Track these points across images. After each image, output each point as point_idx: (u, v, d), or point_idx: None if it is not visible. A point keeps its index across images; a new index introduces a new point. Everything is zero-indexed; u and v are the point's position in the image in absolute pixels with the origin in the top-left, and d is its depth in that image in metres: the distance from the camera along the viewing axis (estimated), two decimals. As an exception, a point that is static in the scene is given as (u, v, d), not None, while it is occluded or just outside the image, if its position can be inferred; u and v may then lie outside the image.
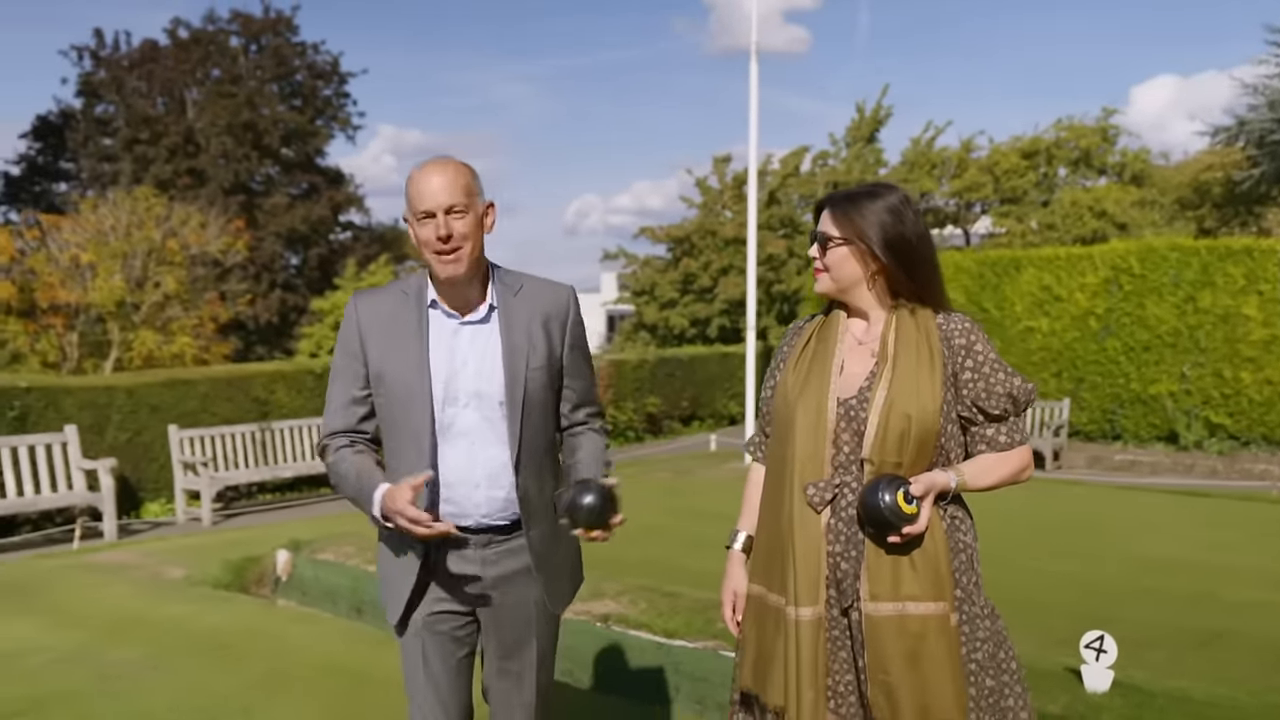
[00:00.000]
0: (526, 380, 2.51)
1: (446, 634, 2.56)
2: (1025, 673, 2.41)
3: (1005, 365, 2.39)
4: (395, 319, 2.51)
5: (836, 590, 2.28)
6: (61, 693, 4.54)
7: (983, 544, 2.39)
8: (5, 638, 5.34)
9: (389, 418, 2.51)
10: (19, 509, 8.84)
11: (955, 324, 2.38)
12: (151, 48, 30.51)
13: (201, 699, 4.45)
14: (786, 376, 2.44)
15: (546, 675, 2.70)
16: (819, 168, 26.68)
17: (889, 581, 2.23)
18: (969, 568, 2.33)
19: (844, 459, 2.29)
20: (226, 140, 29.24)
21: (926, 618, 2.22)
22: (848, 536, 2.26)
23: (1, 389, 9.22)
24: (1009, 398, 2.35)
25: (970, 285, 14.55)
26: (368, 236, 32.39)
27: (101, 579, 6.57)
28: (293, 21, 31.75)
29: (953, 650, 2.23)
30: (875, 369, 2.33)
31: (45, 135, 31.09)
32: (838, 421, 2.30)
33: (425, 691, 2.56)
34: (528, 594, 2.58)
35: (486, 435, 2.49)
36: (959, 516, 2.35)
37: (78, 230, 15.36)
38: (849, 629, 2.29)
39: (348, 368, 2.54)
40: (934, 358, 2.31)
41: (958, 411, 2.34)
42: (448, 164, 2.46)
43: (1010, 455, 2.38)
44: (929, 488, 2.22)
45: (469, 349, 2.50)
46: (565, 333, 2.62)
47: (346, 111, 32.85)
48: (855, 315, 2.45)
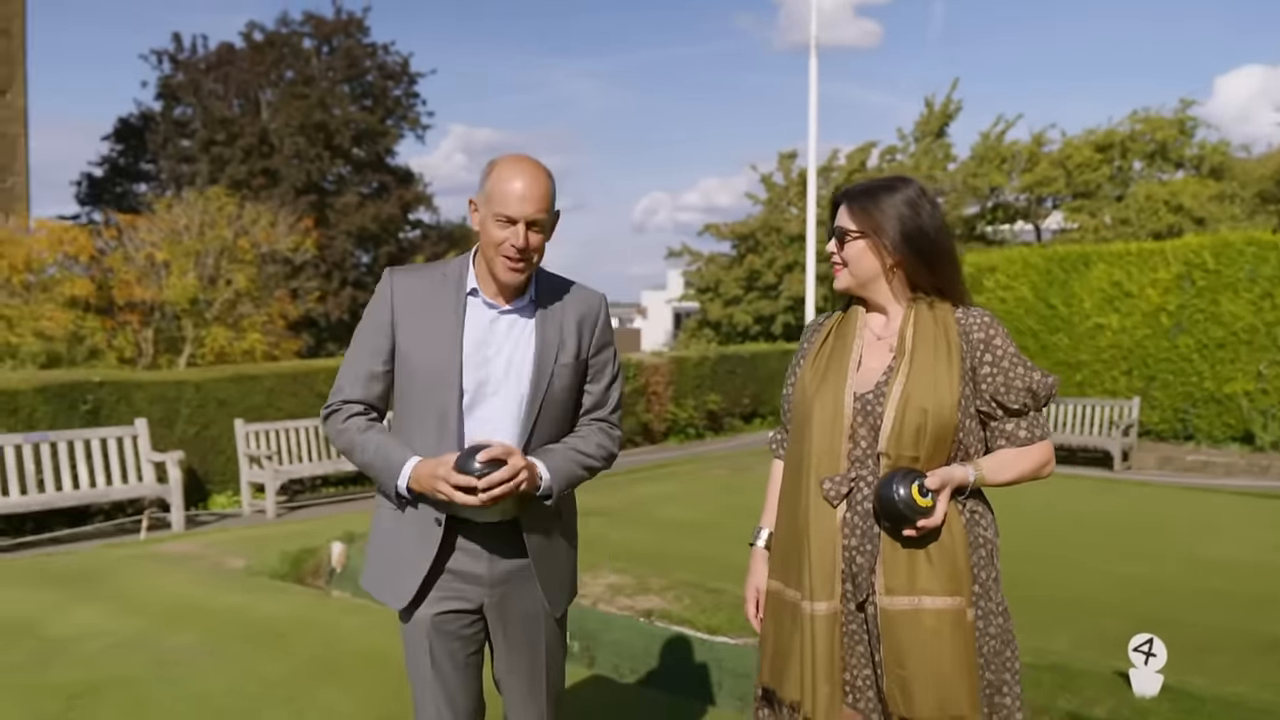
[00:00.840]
0: (553, 374, 2.53)
1: (453, 634, 2.56)
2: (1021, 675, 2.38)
3: (1025, 359, 2.36)
4: (431, 300, 2.52)
5: (852, 584, 2.27)
6: (119, 677, 4.67)
7: (1045, 545, 2.39)
8: (69, 623, 5.52)
9: (409, 396, 2.52)
10: (92, 499, 9.11)
11: (974, 318, 2.35)
12: (227, 50, 31.17)
13: (251, 685, 4.55)
14: (805, 373, 2.44)
15: (557, 668, 2.72)
16: (886, 163, 26.42)
17: (904, 575, 2.22)
18: (988, 563, 2.31)
19: (860, 453, 2.28)
20: (299, 140, 29.78)
21: (942, 612, 2.20)
22: (863, 530, 2.26)
23: (75, 383, 9.52)
24: (1028, 392, 2.32)
25: (1038, 281, 14.28)
26: (436, 235, 32.77)
27: (164, 568, 6.75)
28: (364, 23, 32.22)
29: (969, 645, 2.22)
30: (893, 364, 2.32)
31: (126, 137, 31.96)
32: (854, 416, 2.29)
33: (434, 689, 2.57)
34: (533, 590, 2.59)
35: (506, 425, 2.50)
36: (979, 511, 2.33)
37: (153, 229, 15.76)
38: (866, 623, 2.28)
39: (372, 340, 2.53)
40: (952, 352, 2.29)
41: (976, 406, 2.32)
42: (537, 172, 2.44)
43: (1030, 450, 2.35)
44: (945, 481, 2.21)
45: (504, 338, 2.52)
46: (594, 336, 2.63)
47: (416, 111, 33.24)
48: (874, 310, 2.44)
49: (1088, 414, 13.27)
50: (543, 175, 2.45)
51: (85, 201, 31.43)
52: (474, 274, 2.55)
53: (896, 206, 2.35)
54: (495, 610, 2.58)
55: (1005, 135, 24.67)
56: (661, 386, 15.06)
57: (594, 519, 8.48)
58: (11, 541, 8.71)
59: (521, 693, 2.67)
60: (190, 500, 9.95)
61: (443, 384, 2.46)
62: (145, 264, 15.42)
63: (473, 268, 2.56)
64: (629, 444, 14.98)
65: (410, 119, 33.12)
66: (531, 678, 2.66)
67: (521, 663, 2.64)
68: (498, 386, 2.50)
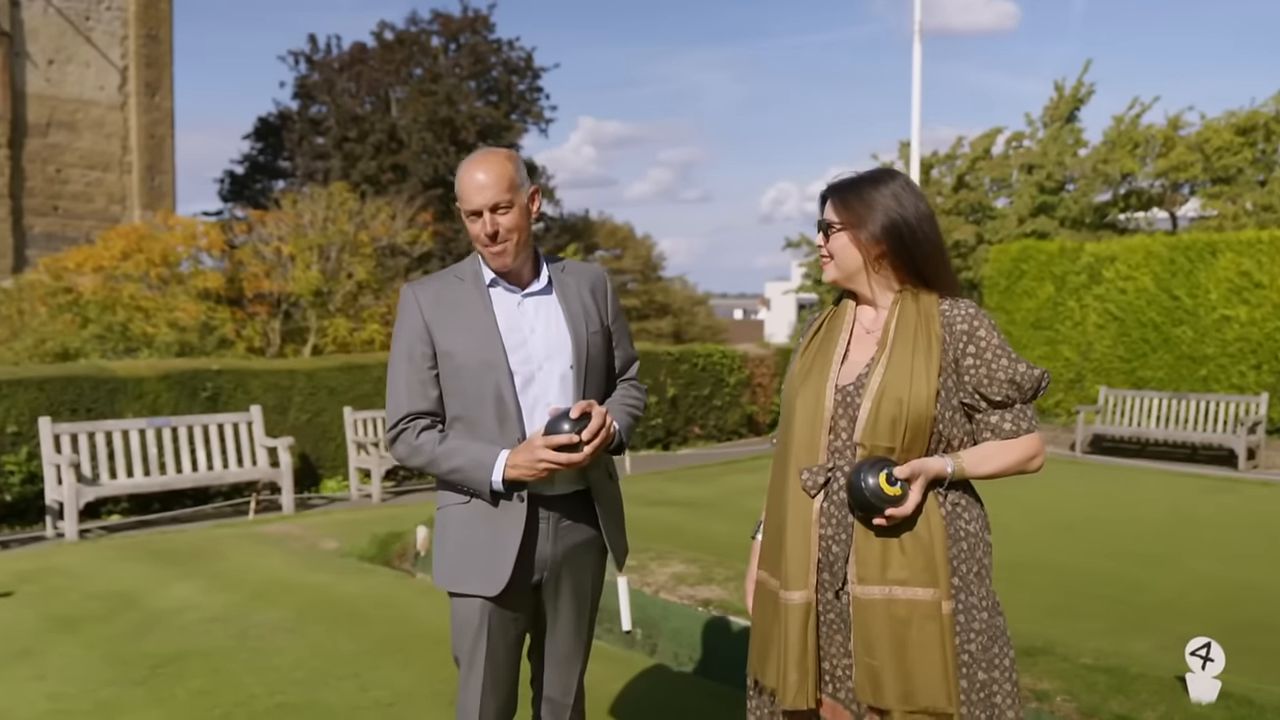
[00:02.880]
0: (588, 343, 2.68)
1: (510, 617, 2.68)
2: (1017, 673, 2.36)
3: (1010, 351, 2.35)
4: (457, 300, 2.66)
5: (829, 573, 2.30)
6: (203, 649, 4.97)
7: (1148, 544, 2.37)
8: (168, 597, 5.88)
9: (461, 392, 2.63)
10: (209, 481, 9.63)
11: (959, 310, 2.35)
12: (360, 50, 32.22)
13: (321, 660, 4.78)
14: (794, 366, 2.48)
15: (590, 635, 2.88)
16: (1013, 149, 25.65)
17: (877, 565, 2.23)
18: (970, 556, 2.30)
19: (840, 444, 2.31)
20: (426, 136, 30.59)
21: (914, 603, 2.21)
22: (839, 520, 2.28)
23: (196, 371, 10.07)
24: (1011, 384, 2.31)
25: (1160, 271, 13.71)
26: (558, 227, 33.27)
27: (263, 548, 7.11)
28: (489, 20, 32.87)
29: (944, 638, 2.21)
30: (875, 355, 2.34)
31: (265, 136, 33.34)
32: (835, 408, 2.32)
33: (485, 667, 2.68)
34: (587, 564, 2.75)
35: (557, 398, 2.63)
36: (961, 504, 2.32)
37: (280, 224, 16.46)
38: (843, 613, 2.30)
39: (415, 350, 2.64)
40: (932, 344, 2.29)
41: (960, 399, 2.32)
42: (491, 161, 2.58)
43: (1015, 443, 2.34)
44: (917, 471, 2.22)
45: (534, 318, 2.66)
46: (608, 304, 2.80)
47: (539, 105, 33.76)
48: (865, 303, 2.46)
49: (1212, 410, 12.71)
50: (497, 161, 2.58)
51: (227, 198, 32.94)
52: (486, 268, 2.68)
53: (880, 198, 2.37)
54: (551, 586, 2.71)
55: (1140, 119, 23.68)
56: (766, 378, 15.03)
57: (676, 509, 8.57)
58: (137, 519, 9.28)
59: (561, 660, 2.81)
60: (302, 484, 10.42)
61: (492, 371, 2.59)
62: (273, 257, 16.12)
63: (484, 264, 2.69)
64: (733, 435, 14.99)
65: (534, 113, 33.66)
66: (573, 647, 2.81)
67: (567, 634, 2.79)
68: (541, 363, 2.63)
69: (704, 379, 14.53)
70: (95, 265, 15.15)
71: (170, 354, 13.26)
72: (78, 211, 26.83)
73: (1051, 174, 24.29)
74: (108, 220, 25.15)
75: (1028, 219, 23.91)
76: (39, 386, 9.11)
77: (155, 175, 27.79)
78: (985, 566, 2.34)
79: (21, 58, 26.80)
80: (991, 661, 2.29)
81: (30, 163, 26.40)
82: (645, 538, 6.93)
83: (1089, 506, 8.99)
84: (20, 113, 26.47)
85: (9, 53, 26.34)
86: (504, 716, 2.78)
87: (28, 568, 6.68)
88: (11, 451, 8.93)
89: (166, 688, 4.49)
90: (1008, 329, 14.86)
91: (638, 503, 8.86)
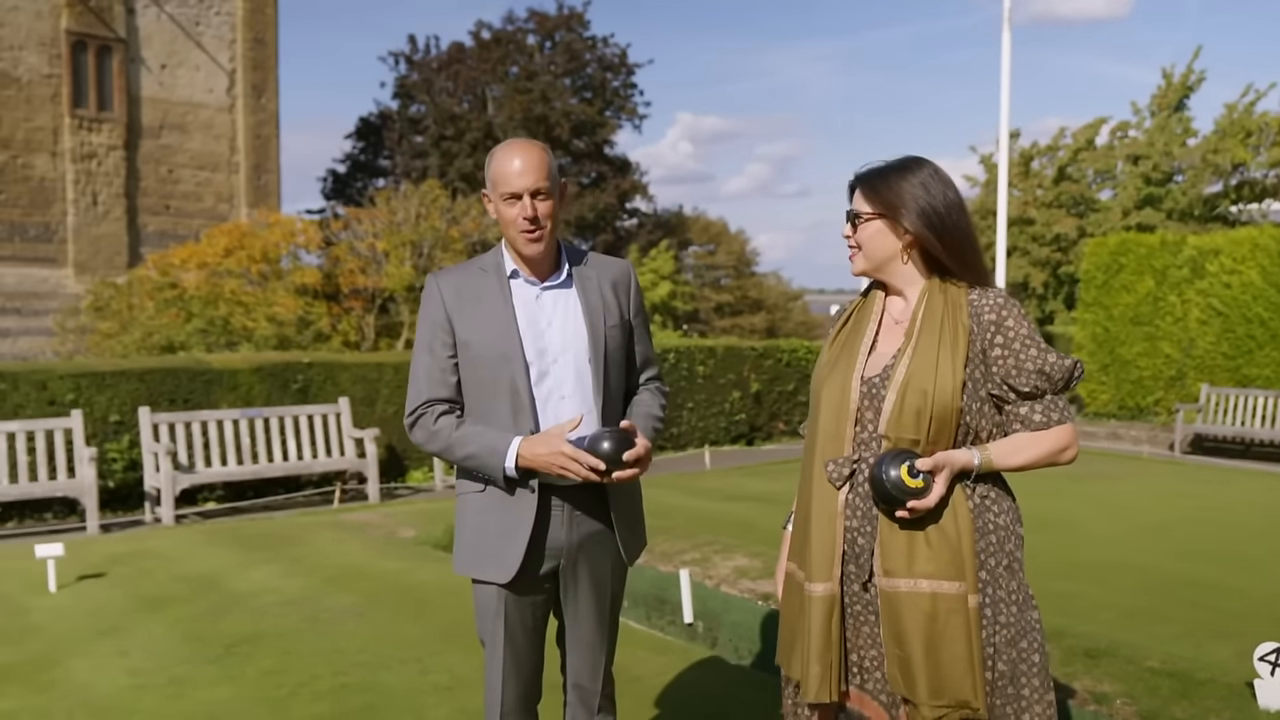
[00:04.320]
0: (605, 337, 2.70)
1: (528, 600, 2.74)
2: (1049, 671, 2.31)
3: (1039, 341, 2.31)
4: (478, 291, 2.71)
5: (855, 565, 2.29)
6: (276, 630, 5.15)
7: (1251, 549, 2.29)
8: (248, 580, 6.09)
9: (477, 381, 2.68)
10: (299, 471, 9.93)
11: (988, 299, 2.32)
12: (458, 49, 32.77)
13: (386, 645, 4.91)
14: (822, 358, 2.48)
15: (616, 623, 2.90)
16: (1118, 139, 24.88)
17: (903, 557, 2.22)
18: (999, 549, 2.27)
19: (866, 436, 2.29)
20: (521, 134, 30.93)
21: (939, 595, 2.19)
22: (864, 512, 2.27)
23: (288, 364, 10.39)
24: (1040, 374, 2.28)
25: (1268, 265, 13.15)
26: (651, 223, 33.37)
27: (343, 535, 7.31)
28: (584, 17, 33.11)
29: (970, 632, 2.19)
30: (901, 347, 2.32)
31: (366, 135, 34.14)
32: (861, 399, 2.31)
33: (506, 652, 2.75)
34: (605, 552, 2.76)
35: (572, 390, 2.67)
36: (991, 496, 2.29)
37: (375, 221, 16.84)
38: (870, 604, 2.29)
39: (436, 339, 2.70)
40: (959, 334, 2.27)
41: (988, 390, 2.29)
42: (531, 147, 2.63)
43: (1045, 435, 2.30)
44: (940, 463, 2.20)
45: (552, 310, 2.70)
46: (629, 299, 2.82)
47: (633, 102, 33.89)
48: (894, 294, 2.44)
49: (1322, 410, 12.16)
50: (537, 149, 2.62)
51: (330, 196, 33.83)
52: (509, 259, 2.72)
53: (909, 187, 2.34)
54: (569, 572, 2.75)
55: (1255, 107, 22.74)
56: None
57: (752, 504, 8.55)
58: (230, 506, 9.62)
59: (585, 646, 2.84)
60: (388, 475, 10.67)
61: (508, 362, 2.63)
62: (367, 253, 16.51)
63: (506, 254, 2.74)
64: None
65: (627, 109, 33.80)
66: (596, 633, 2.83)
67: (589, 620, 2.81)
68: (557, 355, 2.67)
69: (788, 374, 14.45)
70: (200, 261, 15.72)
71: (268, 347, 13.69)
72: (188, 210, 27.86)
73: (1158, 165, 23.50)
74: (216, 218, 26.06)
75: (1132, 211, 23.19)
76: (139, 378, 9.51)
77: (261, 174, 28.71)
78: (1016, 560, 2.30)
79: (136, 63, 27.91)
80: (1020, 655, 2.26)
81: (144, 164, 27.51)
82: (714, 531, 6.94)
83: (1184, 508, 8.69)
84: (135, 116, 27.59)
85: (125, 59, 27.48)
86: (528, 699, 2.82)
87: (122, 550, 6.99)
88: (114, 440, 9.34)
89: (238, 666, 4.66)
90: (1105, 325, 14.43)
91: (715, 497, 8.87)
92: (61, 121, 26.77)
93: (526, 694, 2.82)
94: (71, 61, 26.69)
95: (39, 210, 25.72)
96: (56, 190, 25.88)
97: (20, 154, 26.19)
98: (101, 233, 26.57)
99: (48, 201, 25.84)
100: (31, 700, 4.29)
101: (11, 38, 26.29)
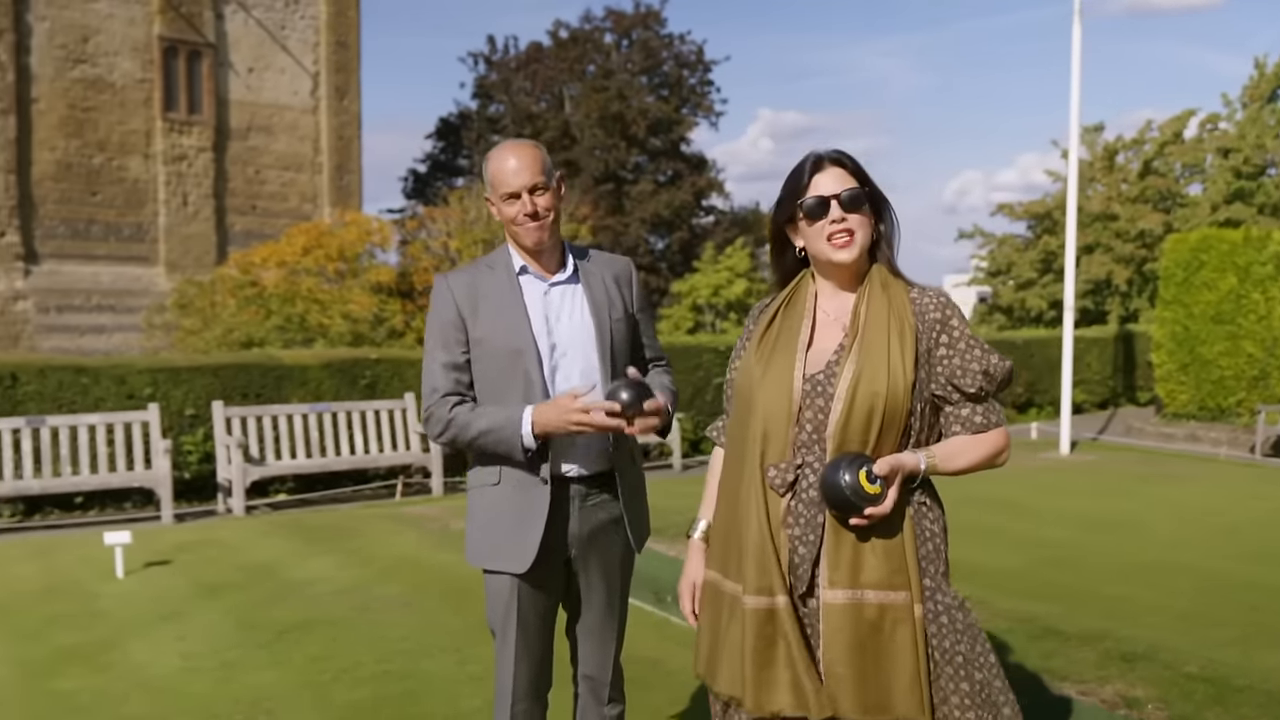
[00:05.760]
0: (612, 330, 2.79)
1: (538, 589, 2.80)
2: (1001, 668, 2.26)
3: (981, 342, 2.24)
4: (489, 288, 2.79)
5: (794, 576, 2.14)
6: (326, 618, 5.31)
7: None
8: (305, 569, 6.29)
9: (491, 377, 2.76)
10: (366, 464, 10.18)
11: (930, 298, 2.25)
12: (536, 49, 33.10)
13: (429, 634, 5.04)
14: (749, 355, 2.31)
15: (624, 613, 2.95)
16: (1207, 132, 24.14)
17: (847, 567, 2.10)
18: (936, 556, 2.19)
19: (806, 438, 2.16)
20: (598, 132, 31.16)
21: (885, 606, 2.09)
22: (807, 519, 2.14)
23: (356, 360, 10.66)
24: (985, 375, 2.20)
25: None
26: (728, 220, 33.30)
27: (399, 528, 7.49)
28: (661, 15, 33.18)
29: (916, 643, 2.10)
30: (844, 342, 2.20)
31: (446, 135, 34.69)
32: (803, 398, 2.17)
33: (516, 640, 2.82)
34: (614, 541, 2.83)
35: (583, 383, 2.73)
36: (925, 503, 2.20)
37: (449, 220, 17.13)
38: (809, 617, 2.16)
39: (448, 336, 2.78)
40: (905, 333, 2.17)
41: (931, 390, 2.20)
42: (524, 147, 2.74)
43: (985, 438, 2.21)
44: (895, 468, 2.07)
45: (560, 304, 2.79)
46: (632, 292, 2.91)
47: (710, 99, 33.86)
48: (830, 286, 2.30)
49: None
50: (529, 148, 2.73)
51: (410, 195, 34.44)
52: (516, 256, 2.81)
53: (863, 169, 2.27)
54: (580, 562, 2.82)
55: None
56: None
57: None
58: (299, 498, 9.90)
59: (595, 635, 2.91)
60: (453, 469, 10.83)
61: (522, 356, 2.72)
62: (440, 251, 16.80)
63: (513, 252, 2.82)
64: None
65: (704, 106, 33.79)
66: (605, 623, 2.90)
67: (599, 609, 2.88)
68: (566, 348, 2.76)
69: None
70: (279, 260, 16.15)
71: (343, 344, 14.00)
72: (274, 210, 28.62)
73: (1249, 158, 22.76)
74: (300, 218, 26.67)
75: (1221, 206, 22.49)
76: (214, 373, 9.84)
77: (343, 175, 29.38)
78: (949, 566, 2.23)
79: (225, 67, 28.75)
80: (982, 659, 2.17)
81: (232, 165, 28.34)
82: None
83: (1258, 510, 8.45)
84: (223, 118, 28.41)
85: (214, 63, 28.32)
86: (537, 687, 2.90)
87: (189, 539, 7.26)
88: (189, 433, 9.68)
89: (286, 652, 4.83)
90: (1185, 323, 14.03)
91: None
92: (154, 124, 27.68)
93: (536, 681, 2.89)
94: (163, 66, 27.59)
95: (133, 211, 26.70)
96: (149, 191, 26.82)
97: (115, 156, 27.18)
98: (191, 232, 27.48)
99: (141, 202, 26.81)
100: (91, 680, 4.50)
101: (107, 44, 27.28)
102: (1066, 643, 4.70)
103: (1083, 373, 16.62)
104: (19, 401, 9.08)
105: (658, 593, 5.62)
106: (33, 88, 25.85)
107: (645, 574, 5.97)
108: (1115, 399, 17.87)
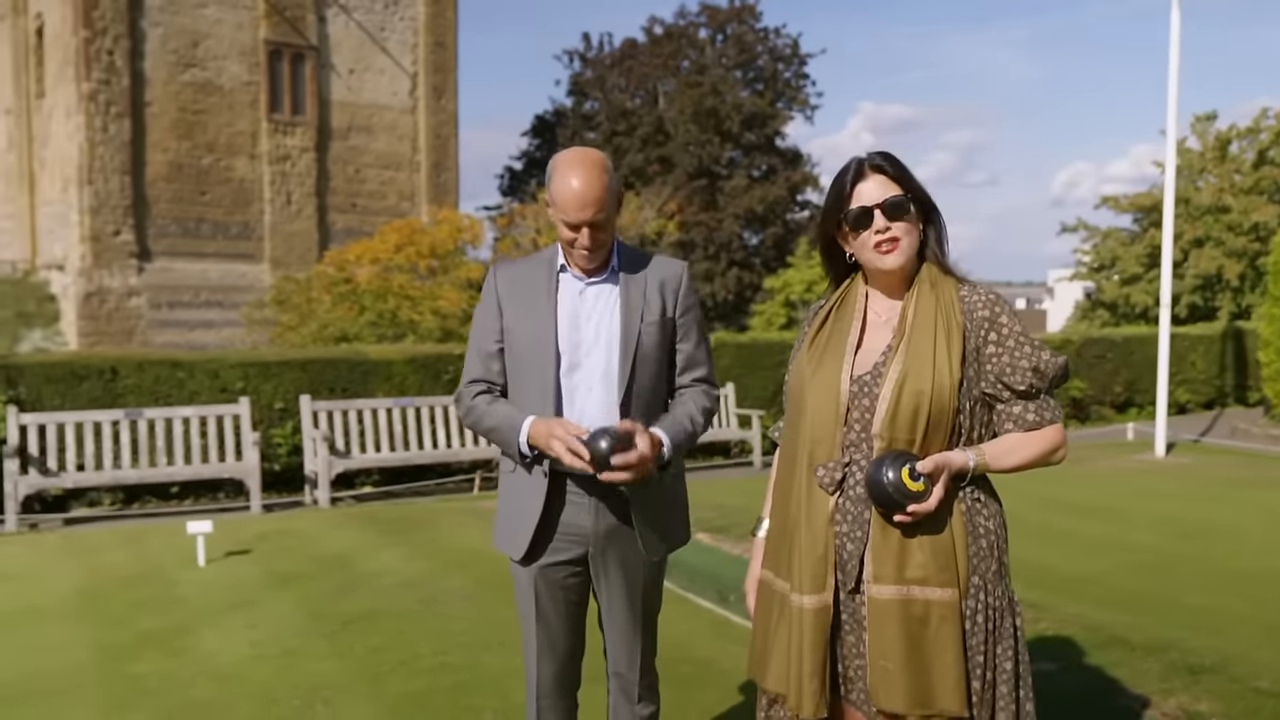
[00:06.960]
0: (640, 334, 2.76)
1: (558, 583, 2.84)
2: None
3: (1032, 339, 2.23)
4: (529, 283, 2.84)
5: (842, 572, 2.21)
6: (391, 609, 5.43)
7: None
8: (375, 561, 6.43)
9: (516, 369, 2.82)
10: (448, 458, 10.39)
11: (979, 296, 2.25)
12: (630, 46, 33.27)
13: (487, 627, 5.11)
14: (801, 357, 2.38)
15: (650, 614, 2.95)
16: (1328, 121, 23.06)
17: (894, 563, 2.14)
18: (989, 554, 2.20)
19: (855, 437, 2.21)
20: (691, 128, 31.16)
21: (931, 603, 2.12)
22: (854, 516, 2.19)
23: (439, 355, 10.86)
24: (1035, 372, 2.19)
25: None
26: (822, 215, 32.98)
27: (470, 521, 7.60)
28: (756, 9, 33.01)
29: (960, 640, 2.13)
30: (892, 343, 2.23)
31: (541, 132, 35.09)
32: (850, 399, 2.22)
33: (538, 633, 2.87)
34: (631, 545, 2.82)
35: (602, 384, 2.76)
36: (981, 500, 2.22)
37: (538, 217, 17.31)
38: (856, 612, 2.22)
39: (486, 325, 2.86)
40: (953, 331, 2.19)
41: (981, 389, 2.21)
42: (590, 175, 2.62)
43: (1038, 435, 2.22)
44: (939, 466, 2.11)
45: (593, 304, 2.80)
46: (677, 299, 2.85)
47: (805, 93, 33.58)
48: (881, 289, 2.33)
49: None
50: (596, 175, 2.61)
51: (506, 193, 34.94)
52: (562, 254, 2.83)
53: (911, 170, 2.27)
54: (599, 559, 2.84)
55: None
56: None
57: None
58: (383, 490, 10.13)
59: (621, 633, 2.92)
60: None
61: (541, 353, 2.76)
62: (529, 248, 16.99)
63: (561, 249, 2.84)
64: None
65: (799, 100, 33.53)
66: (629, 622, 2.91)
67: (621, 608, 2.89)
68: (589, 349, 2.76)
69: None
70: (372, 257, 16.53)
71: (432, 339, 14.28)
72: (373, 208, 29.32)
73: (1372, 147, 21.69)
74: (398, 216, 27.25)
75: (1343, 198, 21.49)
76: (302, 368, 10.13)
77: (440, 173, 29.94)
78: (1005, 565, 2.23)
79: (327, 69, 29.54)
80: (1024, 662, 2.22)
81: (333, 164, 29.14)
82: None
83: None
84: (325, 119, 29.20)
85: (316, 65, 29.12)
86: (563, 683, 2.93)
87: (269, 529, 7.48)
88: (279, 426, 9.98)
89: (348, 642, 4.94)
90: (1293, 321, 13.43)
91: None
92: (259, 126, 28.62)
93: (561, 677, 2.92)
94: (268, 69, 28.47)
95: (240, 209, 27.65)
96: (255, 190, 27.76)
97: (223, 157, 28.13)
98: (294, 230, 28.33)
99: (247, 201, 27.77)
100: (162, 665, 4.68)
101: (215, 49, 28.25)
102: (1132, 653, 4.55)
103: (1186, 372, 16.04)
104: (119, 394, 9.48)
105: (720, 591, 5.61)
106: (146, 91, 26.91)
107: (707, 572, 6.00)
108: (1222, 399, 17.20)
